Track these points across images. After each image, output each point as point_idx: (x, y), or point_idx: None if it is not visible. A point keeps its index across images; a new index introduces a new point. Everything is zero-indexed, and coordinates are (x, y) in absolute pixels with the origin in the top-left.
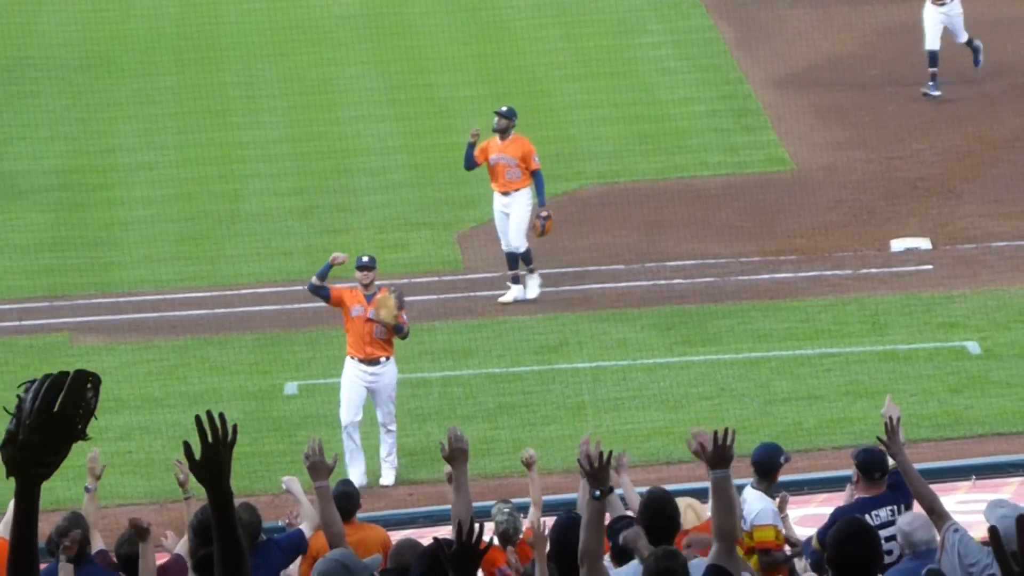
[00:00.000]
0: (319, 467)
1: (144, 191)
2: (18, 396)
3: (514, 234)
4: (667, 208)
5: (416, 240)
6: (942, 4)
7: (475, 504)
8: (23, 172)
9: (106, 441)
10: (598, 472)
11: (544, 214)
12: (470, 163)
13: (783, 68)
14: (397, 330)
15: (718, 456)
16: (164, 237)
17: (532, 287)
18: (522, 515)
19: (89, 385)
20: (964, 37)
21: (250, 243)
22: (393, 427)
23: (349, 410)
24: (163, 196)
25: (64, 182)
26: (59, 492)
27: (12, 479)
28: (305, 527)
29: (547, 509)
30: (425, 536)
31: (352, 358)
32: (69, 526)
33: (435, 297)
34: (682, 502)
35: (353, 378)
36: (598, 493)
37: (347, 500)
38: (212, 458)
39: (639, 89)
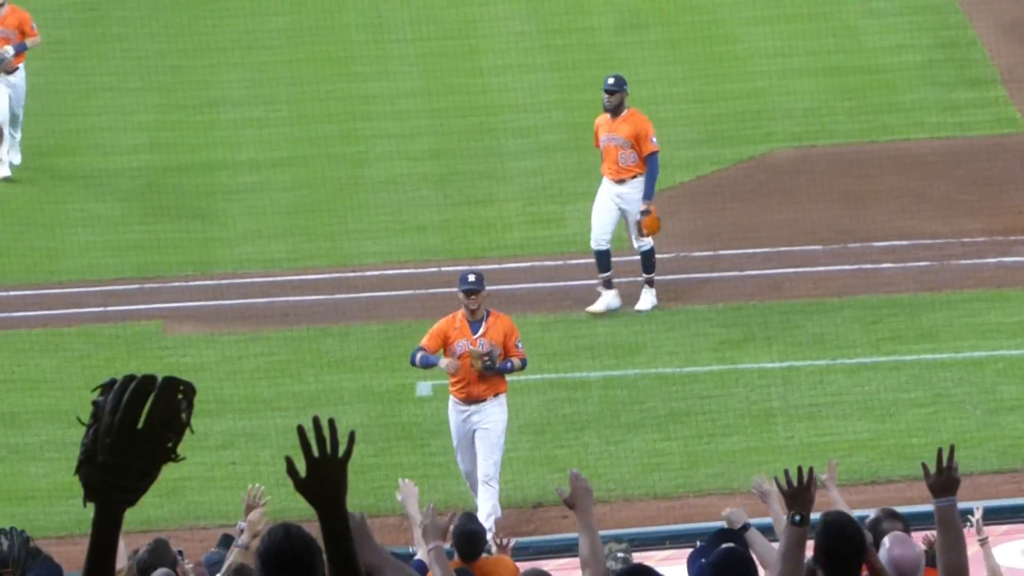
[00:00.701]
0: (431, 530)
1: (251, 153)
2: (94, 402)
3: (635, 231)
4: (874, 178)
5: (573, 214)
6: None
7: (637, 530)
8: (109, 130)
9: (205, 450)
10: (799, 493)
11: (643, 208)
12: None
13: (1017, 10)
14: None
15: (941, 481)
16: (274, 208)
17: (647, 299)
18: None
19: (181, 395)
20: None
21: (376, 216)
22: (495, 482)
23: (463, 459)
24: (273, 159)
25: (157, 142)
26: (149, 511)
27: (91, 503)
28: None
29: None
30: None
31: (453, 398)
32: (150, 559)
33: (595, 281)
34: None
35: (457, 421)
36: (798, 518)
37: (472, 543)
38: (321, 476)
39: (841, 35)
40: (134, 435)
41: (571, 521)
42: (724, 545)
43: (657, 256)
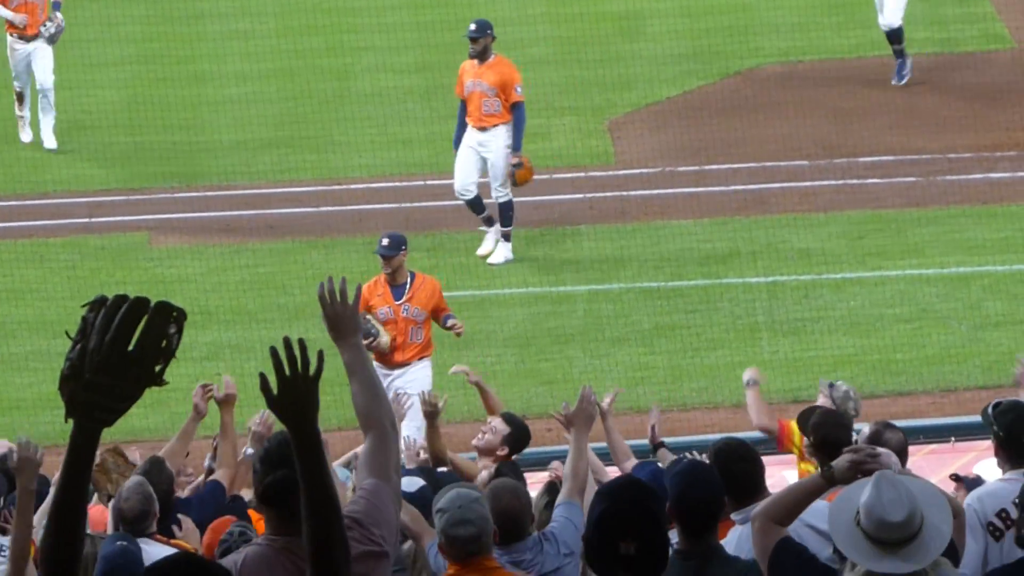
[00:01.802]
0: (342, 320)
1: (237, 65)
2: (83, 318)
3: (494, 180)
4: (860, 93)
5: (559, 128)
6: None
7: (633, 442)
8: (95, 41)
9: (190, 362)
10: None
11: (515, 161)
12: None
13: None
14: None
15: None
16: (260, 120)
17: (501, 252)
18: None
19: (172, 321)
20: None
21: (362, 129)
22: None
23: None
24: (260, 71)
25: (143, 53)
26: (133, 421)
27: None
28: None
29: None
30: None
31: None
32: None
33: (581, 196)
34: None
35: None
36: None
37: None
38: (292, 394)
39: None
40: (124, 357)
41: (555, 434)
42: (687, 457)
43: (643, 171)
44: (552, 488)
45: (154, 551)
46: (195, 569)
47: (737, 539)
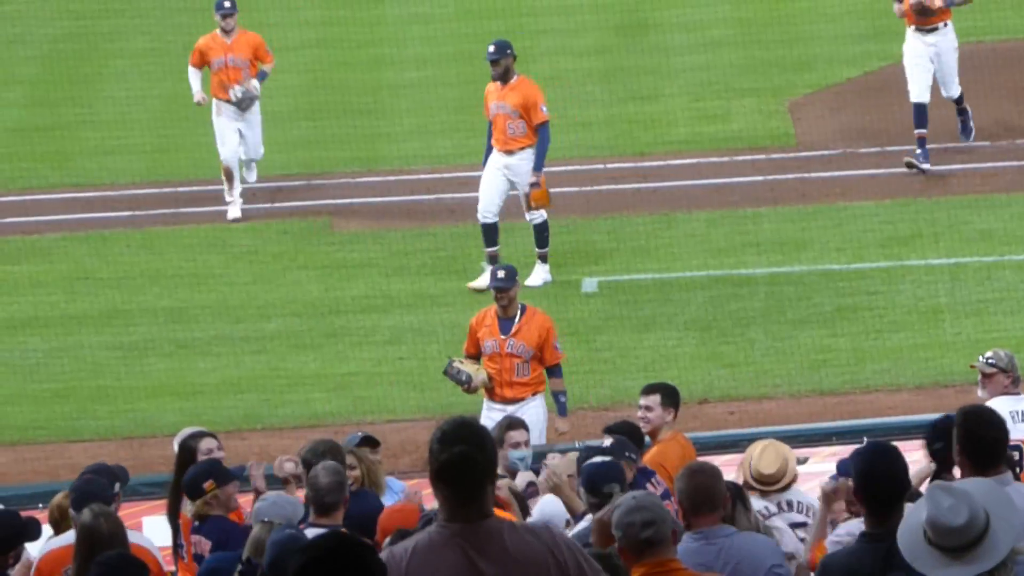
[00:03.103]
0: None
1: (417, 49)
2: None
3: (526, 205)
4: None
5: (739, 110)
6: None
7: (803, 427)
8: (274, 25)
9: (372, 345)
10: None
11: (532, 180)
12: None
13: None
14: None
15: None
16: (441, 104)
17: (539, 274)
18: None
19: None
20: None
21: None
22: None
23: None
24: (440, 55)
25: (323, 37)
26: (316, 406)
27: None
28: None
29: (896, 433)
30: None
31: (487, 401)
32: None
33: (761, 179)
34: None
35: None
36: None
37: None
38: None
39: None
40: None
41: (737, 418)
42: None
43: (824, 153)
44: None
45: None
46: (347, 550)
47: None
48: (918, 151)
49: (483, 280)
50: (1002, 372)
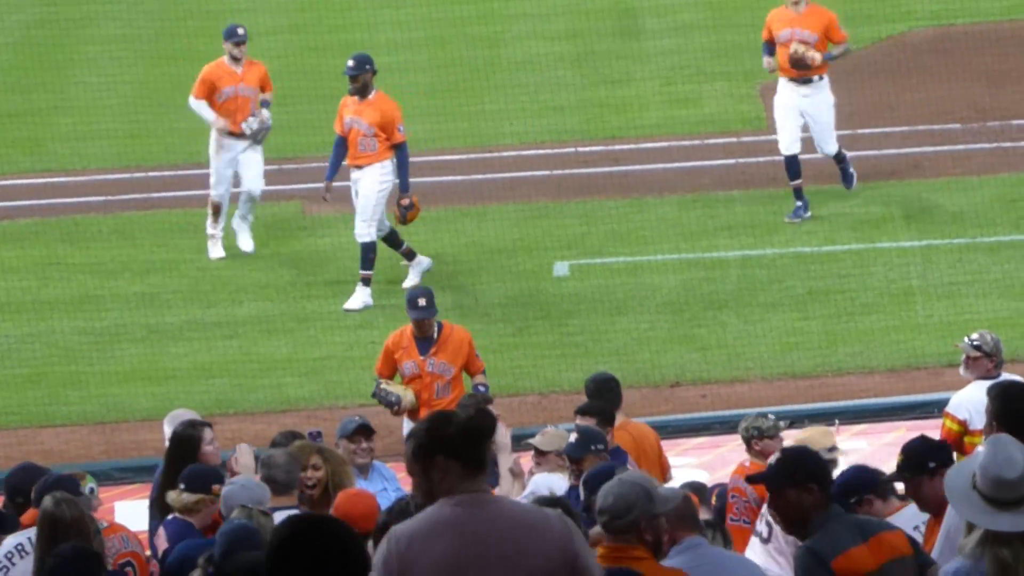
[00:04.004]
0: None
1: (388, 34)
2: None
3: (361, 215)
4: (1013, 55)
5: (710, 94)
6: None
7: (776, 408)
8: (246, 10)
9: (344, 330)
10: None
11: (406, 202)
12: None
13: None
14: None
15: None
16: (412, 89)
17: (359, 297)
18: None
19: None
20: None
21: (514, 97)
22: None
23: None
24: (411, 40)
25: (295, 22)
26: (289, 391)
27: None
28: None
29: (869, 414)
30: (704, 448)
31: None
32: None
33: (733, 162)
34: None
35: None
36: None
37: None
38: None
39: None
40: None
41: (709, 401)
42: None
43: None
44: None
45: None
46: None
47: None
48: (797, 203)
49: (412, 277)
50: (986, 356)
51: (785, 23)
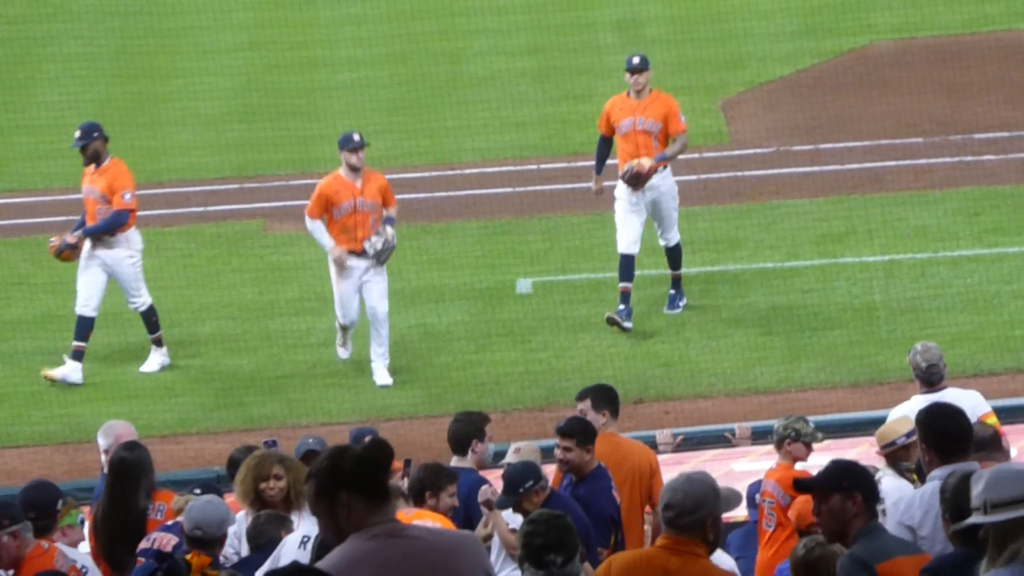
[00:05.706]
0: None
1: (349, 50)
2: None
3: (130, 290)
4: (975, 68)
5: None
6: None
7: (731, 426)
8: (207, 28)
9: (307, 348)
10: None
11: (73, 240)
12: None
13: None
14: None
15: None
16: (373, 106)
17: (155, 359)
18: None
19: None
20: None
21: (475, 113)
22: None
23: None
24: (372, 56)
25: (256, 39)
26: (252, 410)
27: None
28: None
29: (832, 428)
30: (668, 464)
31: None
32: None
33: (695, 177)
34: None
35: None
36: None
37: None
38: None
39: None
40: None
41: (672, 417)
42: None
43: (757, 151)
44: None
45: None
46: None
47: (931, 493)
48: (621, 307)
49: (64, 371)
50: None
51: (627, 112)
